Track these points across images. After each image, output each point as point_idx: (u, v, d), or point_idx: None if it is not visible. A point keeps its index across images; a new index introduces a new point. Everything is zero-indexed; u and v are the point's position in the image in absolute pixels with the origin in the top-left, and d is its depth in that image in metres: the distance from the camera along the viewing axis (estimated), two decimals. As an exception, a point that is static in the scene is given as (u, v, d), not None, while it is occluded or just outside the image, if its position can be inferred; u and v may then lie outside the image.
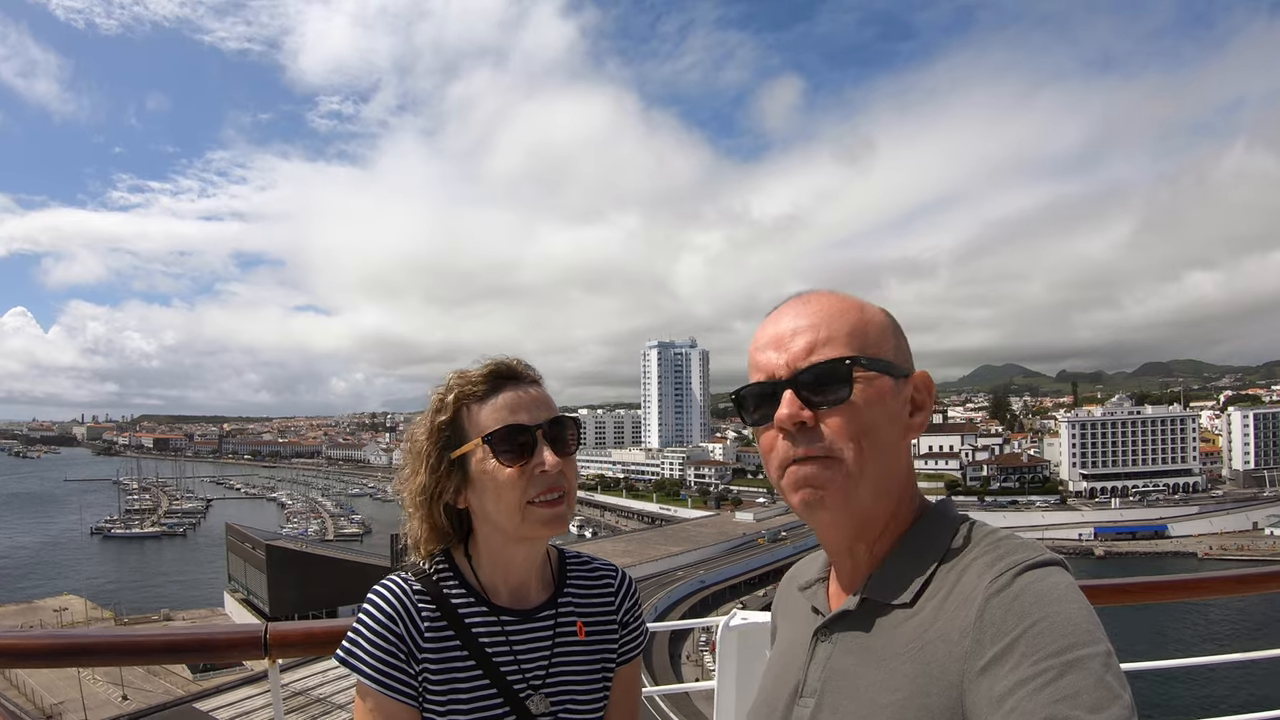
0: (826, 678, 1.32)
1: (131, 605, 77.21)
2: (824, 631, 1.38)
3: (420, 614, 1.63)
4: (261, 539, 75.18)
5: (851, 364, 1.29)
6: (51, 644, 2.29)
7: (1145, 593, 2.95)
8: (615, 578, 1.92)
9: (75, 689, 48.04)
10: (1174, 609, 68.67)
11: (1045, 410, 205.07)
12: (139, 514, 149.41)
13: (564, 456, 1.68)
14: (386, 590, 1.65)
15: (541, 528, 1.65)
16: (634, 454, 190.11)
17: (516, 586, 1.76)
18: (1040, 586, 1.12)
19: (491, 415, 1.67)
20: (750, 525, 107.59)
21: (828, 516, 1.33)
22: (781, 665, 1.49)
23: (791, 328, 1.35)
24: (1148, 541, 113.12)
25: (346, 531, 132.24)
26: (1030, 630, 1.06)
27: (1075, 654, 1.02)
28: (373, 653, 1.58)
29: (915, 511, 1.37)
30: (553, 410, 1.73)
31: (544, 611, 1.77)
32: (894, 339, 1.38)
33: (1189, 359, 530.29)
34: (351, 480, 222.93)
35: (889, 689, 1.19)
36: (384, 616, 1.60)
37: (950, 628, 1.16)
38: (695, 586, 76.93)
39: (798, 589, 1.58)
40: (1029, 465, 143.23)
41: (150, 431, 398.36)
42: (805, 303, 1.38)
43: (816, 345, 1.31)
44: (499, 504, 1.64)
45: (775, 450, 1.34)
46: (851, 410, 1.28)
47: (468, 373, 1.73)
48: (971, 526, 1.32)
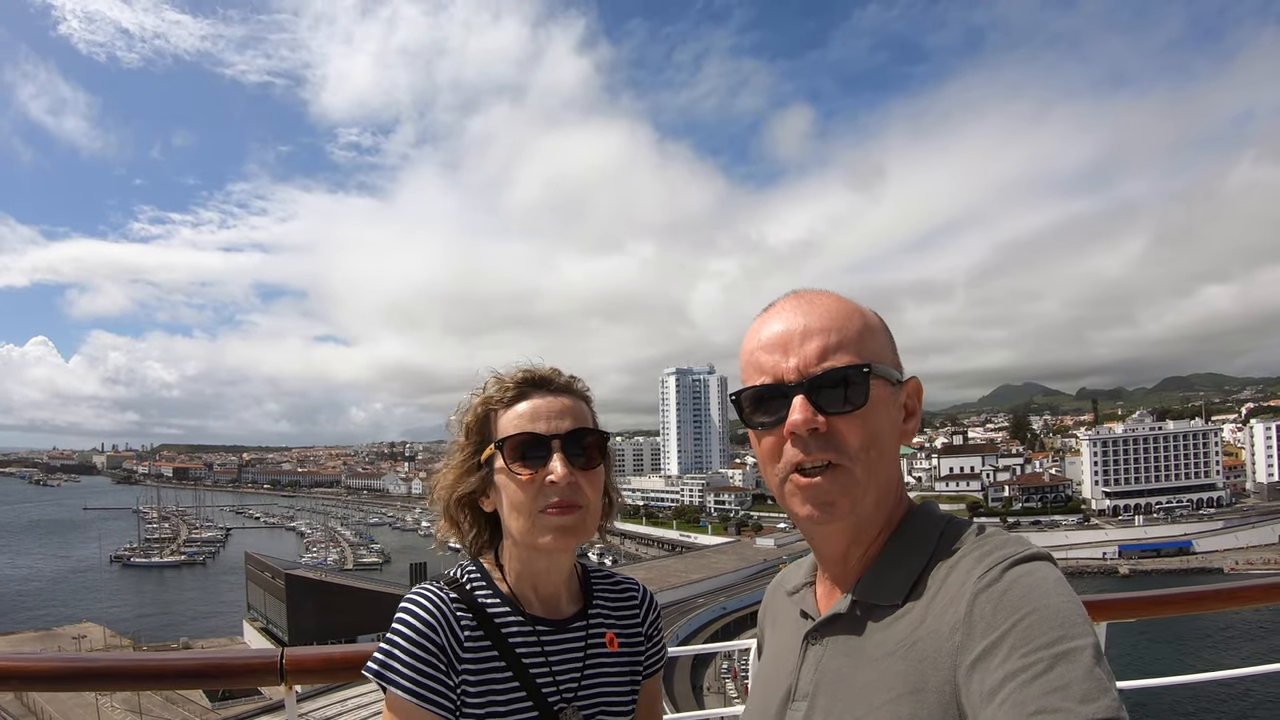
0: (818, 680, 1.32)
1: (150, 633, 77.28)
2: (814, 635, 1.37)
3: (459, 623, 1.58)
4: (281, 568, 75.06)
5: (869, 372, 1.29)
6: (64, 667, 2.25)
7: (1188, 603, 2.86)
8: (639, 591, 1.91)
9: (93, 715, 47.88)
10: (1202, 623, 67.69)
11: (1066, 429, 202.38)
12: (158, 543, 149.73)
13: (580, 469, 1.65)
14: (424, 598, 1.59)
15: (549, 537, 1.62)
16: (653, 481, 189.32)
17: (548, 597, 1.73)
18: (1028, 580, 1.12)
19: (511, 421, 1.66)
20: (771, 551, 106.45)
21: (828, 527, 1.33)
22: (772, 671, 1.48)
23: (800, 328, 1.32)
24: (1172, 559, 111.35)
25: (366, 560, 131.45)
26: (1020, 623, 1.06)
27: (1065, 646, 1.02)
28: (411, 664, 1.51)
29: (903, 513, 1.37)
30: (578, 421, 1.69)
31: (576, 622, 1.75)
32: (889, 342, 1.37)
33: (1209, 372, 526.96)
34: (371, 509, 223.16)
35: (882, 689, 1.19)
36: (424, 625, 1.54)
37: (940, 624, 1.16)
38: (717, 613, 76.15)
39: (785, 594, 1.58)
40: (1051, 485, 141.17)
41: (170, 460, 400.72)
42: (808, 302, 1.36)
43: (828, 350, 1.29)
44: (513, 511, 1.63)
45: (780, 456, 1.32)
46: (863, 418, 1.28)
47: (501, 377, 1.73)
48: (957, 525, 1.32)
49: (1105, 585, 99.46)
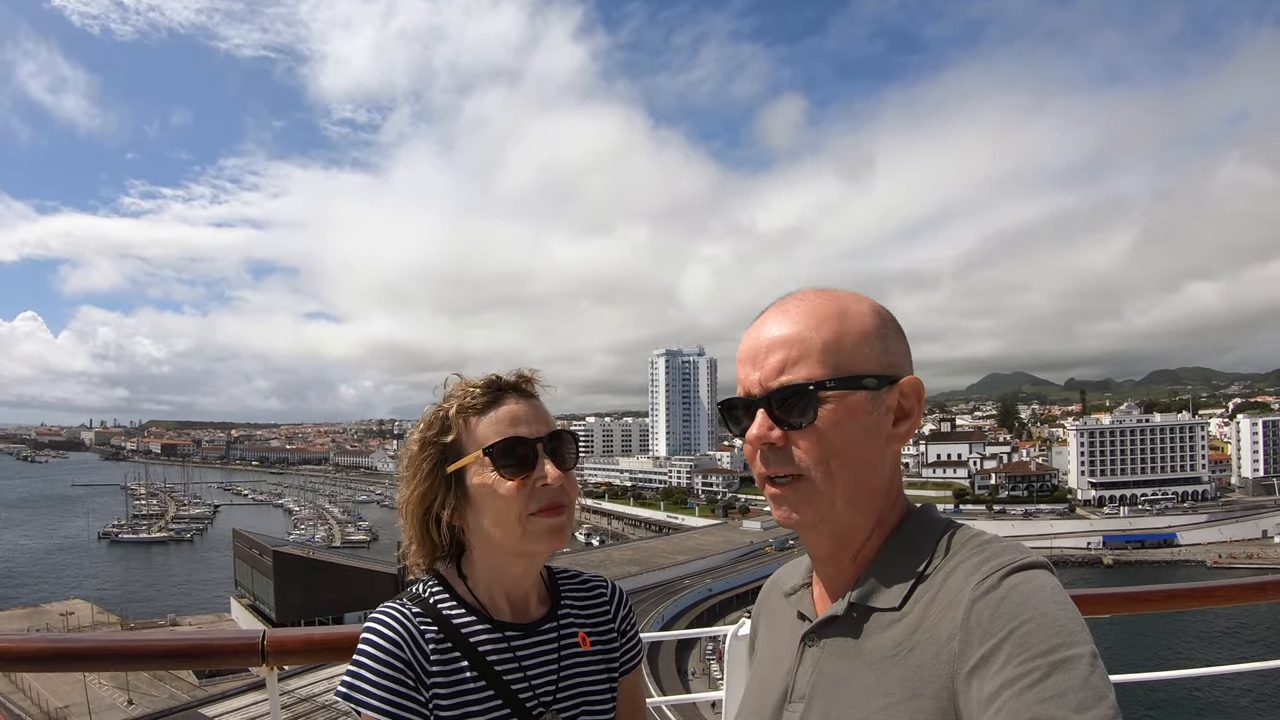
0: (815, 682, 1.32)
1: (138, 610, 77.44)
2: (812, 637, 1.37)
3: (424, 637, 1.58)
4: (269, 545, 74.99)
5: (817, 388, 1.27)
6: (49, 648, 2.27)
7: (1163, 600, 2.89)
8: (607, 588, 1.89)
9: (80, 693, 47.95)
10: (1180, 618, 68.25)
11: (1054, 418, 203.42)
12: (146, 519, 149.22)
13: (564, 470, 1.65)
14: (386, 617, 1.59)
15: (542, 541, 1.62)
16: (641, 462, 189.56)
17: (517, 601, 1.72)
18: (1026, 588, 1.12)
19: (491, 428, 1.63)
20: (758, 534, 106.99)
21: (805, 532, 1.36)
22: (768, 671, 1.48)
23: (768, 341, 1.33)
24: (1156, 550, 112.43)
25: (353, 538, 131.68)
26: (1017, 631, 1.07)
27: (1062, 654, 1.03)
28: (379, 683, 1.51)
29: (899, 516, 1.36)
30: (551, 424, 1.69)
31: (546, 624, 1.74)
32: (878, 344, 1.33)
33: (1198, 367, 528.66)
34: (359, 487, 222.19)
35: (879, 693, 1.19)
36: (388, 644, 1.54)
37: (938, 630, 1.16)
38: (702, 595, 76.57)
39: (782, 595, 1.58)
40: (1037, 474, 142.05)
41: (158, 437, 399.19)
42: (785, 311, 1.35)
43: (787, 364, 1.30)
44: (499, 518, 1.61)
45: (754, 464, 1.36)
46: (818, 433, 1.28)
47: (467, 383, 1.69)
48: (956, 530, 1.31)
49: (1089, 575, 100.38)
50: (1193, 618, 68.74)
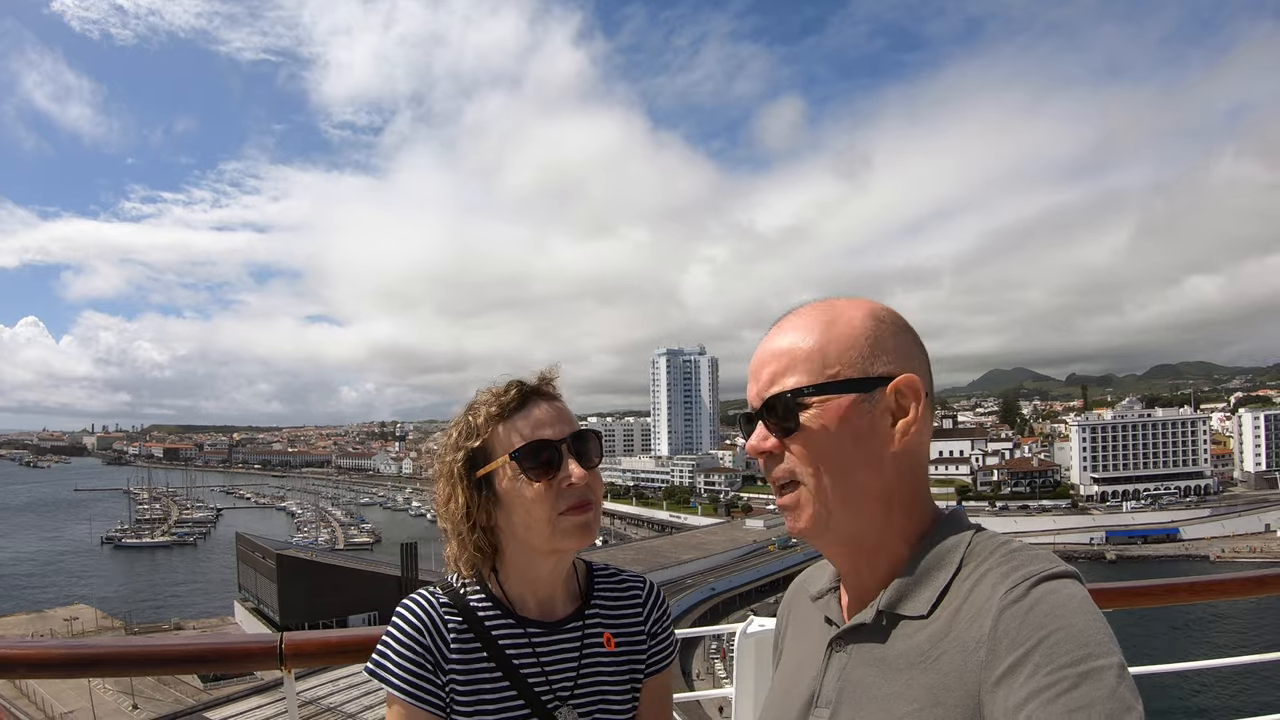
0: (842, 688, 1.32)
1: (142, 614, 77.28)
2: (839, 642, 1.37)
3: (446, 626, 1.67)
4: (272, 548, 75.08)
5: (795, 395, 1.30)
6: (67, 654, 2.25)
7: (1165, 594, 2.92)
8: (643, 589, 1.91)
9: (85, 698, 47.98)
10: (1186, 612, 68.18)
11: (1055, 414, 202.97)
12: (149, 523, 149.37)
13: (589, 469, 1.69)
14: (413, 604, 1.69)
15: (571, 538, 1.67)
16: (644, 462, 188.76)
17: (544, 599, 1.78)
18: (1055, 598, 1.12)
19: (516, 432, 1.68)
20: (760, 532, 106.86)
21: (815, 542, 1.37)
22: (794, 675, 1.48)
23: (764, 356, 1.37)
24: (1159, 545, 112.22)
25: (356, 540, 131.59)
26: (1045, 641, 1.06)
27: (1090, 665, 1.03)
28: (400, 664, 1.62)
29: (925, 521, 1.35)
30: (574, 424, 1.74)
31: (571, 623, 1.78)
32: (866, 347, 1.32)
33: (1199, 361, 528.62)
34: (361, 489, 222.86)
35: (905, 700, 1.20)
36: (411, 629, 1.65)
37: (965, 639, 1.16)
38: (706, 594, 76.62)
39: (809, 599, 1.57)
40: (1040, 469, 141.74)
41: (160, 441, 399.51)
42: (782, 325, 1.39)
43: (776, 375, 1.33)
44: (528, 519, 1.66)
45: (765, 472, 1.40)
46: (805, 438, 1.30)
47: (493, 391, 1.74)
48: (984, 537, 1.30)
49: (1092, 570, 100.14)
50: (1195, 611, 68.79)
